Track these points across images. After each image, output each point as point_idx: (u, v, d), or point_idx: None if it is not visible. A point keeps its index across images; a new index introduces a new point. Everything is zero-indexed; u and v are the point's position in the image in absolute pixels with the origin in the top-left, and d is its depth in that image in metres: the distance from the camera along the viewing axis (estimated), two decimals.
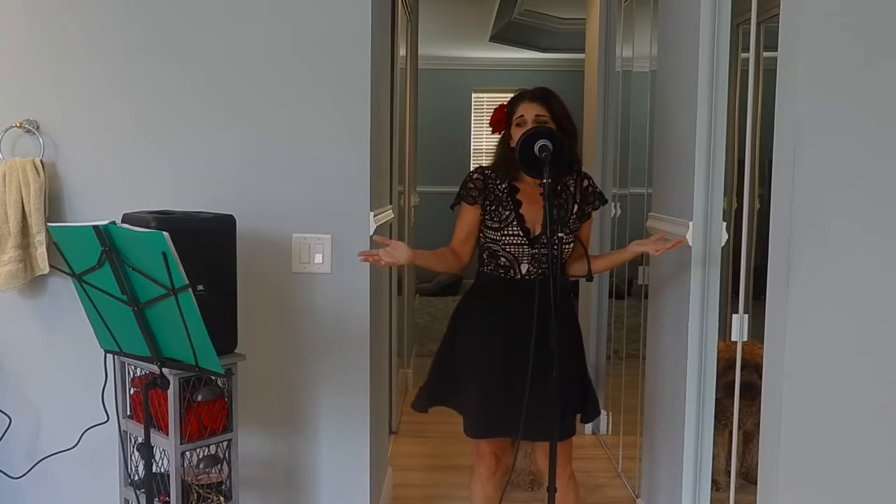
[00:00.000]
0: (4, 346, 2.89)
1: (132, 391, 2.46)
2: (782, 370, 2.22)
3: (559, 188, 2.73)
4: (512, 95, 2.81)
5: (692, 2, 2.83)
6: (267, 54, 2.77)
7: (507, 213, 2.70)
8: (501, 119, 2.77)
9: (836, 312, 2.21)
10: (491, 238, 2.71)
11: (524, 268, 2.69)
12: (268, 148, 2.79)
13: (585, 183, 2.78)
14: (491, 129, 2.83)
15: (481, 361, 2.70)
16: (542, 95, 2.71)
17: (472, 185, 2.74)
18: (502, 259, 2.71)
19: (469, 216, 2.74)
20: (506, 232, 2.69)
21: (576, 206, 2.74)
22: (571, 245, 2.73)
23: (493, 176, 2.74)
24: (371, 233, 2.83)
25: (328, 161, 2.79)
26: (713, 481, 2.93)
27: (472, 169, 2.85)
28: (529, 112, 2.68)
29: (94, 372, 2.48)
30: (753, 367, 2.83)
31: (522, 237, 2.68)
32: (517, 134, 2.64)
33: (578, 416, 2.81)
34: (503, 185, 2.73)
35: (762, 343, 2.40)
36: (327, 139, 2.79)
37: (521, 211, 2.70)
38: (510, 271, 2.70)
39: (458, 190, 2.77)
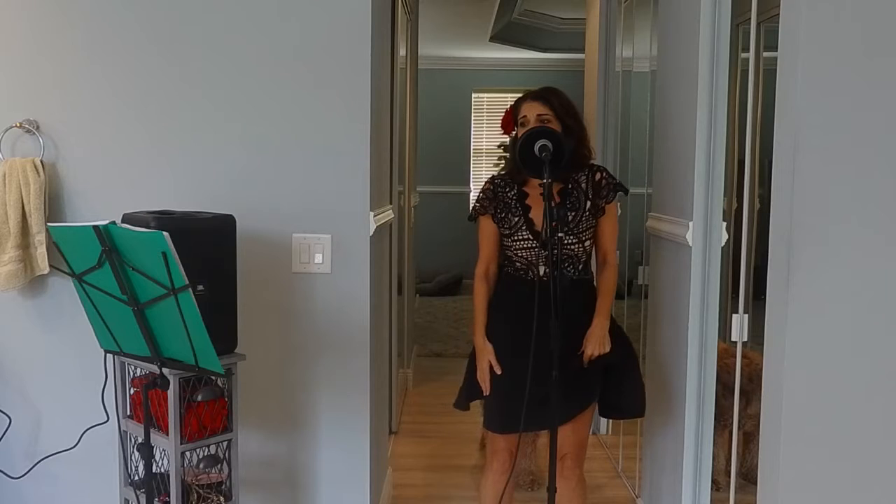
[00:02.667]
0: (4, 346, 2.89)
1: (132, 391, 2.46)
2: (782, 370, 2.22)
3: (570, 186, 2.73)
4: (514, 96, 2.82)
5: (692, 2, 2.83)
6: (267, 54, 2.77)
7: (517, 218, 2.72)
8: (509, 121, 2.78)
9: (836, 312, 2.20)
10: (505, 244, 2.75)
11: (541, 270, 2.69)
12: (268, 148, 2.79)
13: (598, 176, 2.75)
14: (502, 130, 2.84)
15: (501, 359, 2.72)
16: (543, 94, 2.72)
17: (483, 196, 2.79)
18: (517, 263, 2.73)
19: (487, 227, 2.79)
20: (516, 237, 2.70)
21: (588, 203, 2.73)
22: (587, 243, 2.72)
23: (502, 184, 2.78)
24: (371, 233, 2.83)
25: (328, 161, 2.79)
26: (713, 481, 2.93)
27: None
28: (531, 112, 2.68)
29: (94, 372, 2.48)
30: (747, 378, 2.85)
31: (533, 241, 2.69)
32: (520, 133, 2.65)
33: (601, 408, 2.83)
34: (512, 192, 2.75)
35: (761, 351, 2.40)
36: (327, 139, 2.79)
37: (531, 215, 2.71)
38: (528, 273, 2.72)
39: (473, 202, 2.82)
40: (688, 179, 2.86)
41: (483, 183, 2.86)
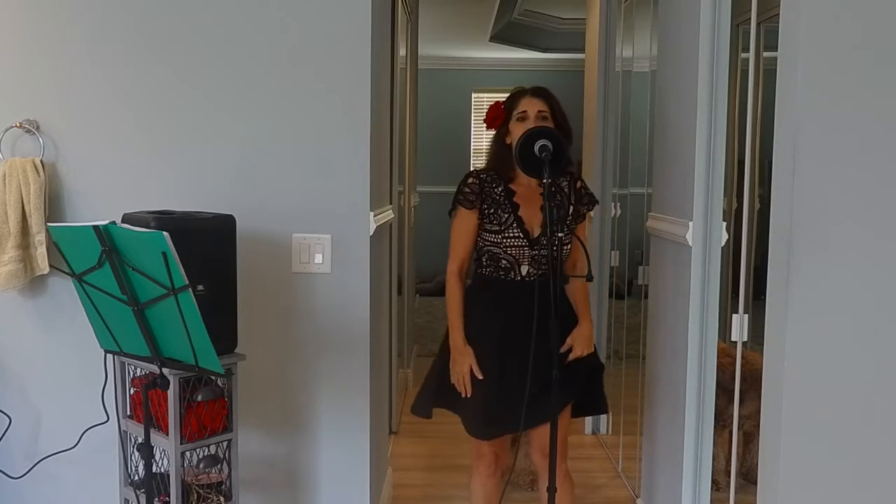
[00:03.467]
0: (4, 346, 2.89)
1: (132, 391, 2.46)
2: (782, 370, 2.22)
3: (553, 189, 2.73)
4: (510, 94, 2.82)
5: (692, 2, 2.83)
6: (267, 54, 2.77)
7: (507, 215, 2.70)
8: (499, 116, 2.77)
9: (836, 312, 2.20)
10: (491, 241, 2.71)
11: (524, 269, 2.69)
12: (268, 148, 2.79)
13: (579, 184, 2.80)
14: (486, 125, 2.83)
15: (482, 362, 2.70)
16: (543, 92, 2.74)
17: (468, 190, 2.74)
18: (503, 261, 2.71)
19: (468, 222, 2.74)
20: (506, 234, 2.69)
21: (571, 208, 2.75)
22: (569, 245, 2.74)
23: (488, 179, 2.75)
24: (371, 233, 2.83)
25: (328, 161, 2.79)
26: (713, 481, 2.93)
27: (468, 172, 2.85)
28: (532, 107, 2.69)
29: (94, 372, 2.48)
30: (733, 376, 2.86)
31: (523, 239, 2.68)
32: (517, 129, 2.65)
33: (571, 408, 2.83)
34: (500, 189, 2.73)
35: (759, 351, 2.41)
36: (327, 139, 2.79)
37: (520, 213, 2.70)
38: (510, 273, 2.71)
39: (454, 195, 2.77)
40: (688, 179, 2.86)
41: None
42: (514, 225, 2.69)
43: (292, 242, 2.81)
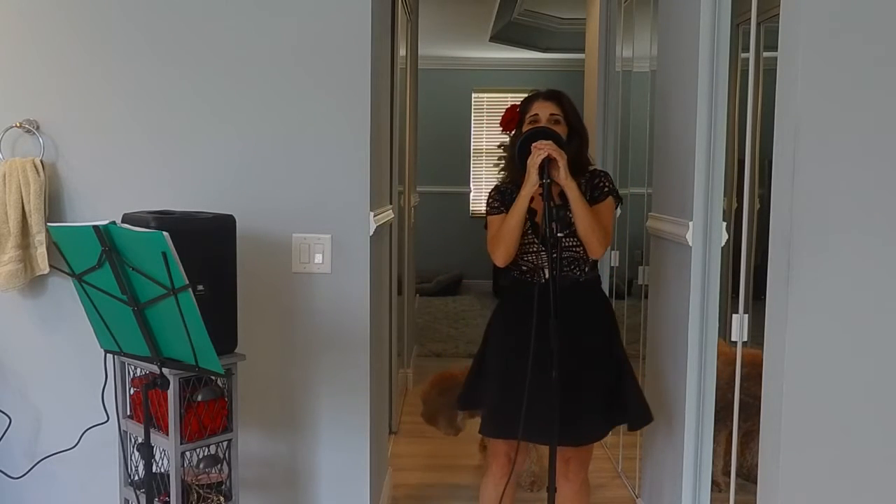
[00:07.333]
0: (4, 346, 2.89)
1: (132, 391, 2.46)
2: (782, 370, 2.22)
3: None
4: (514, 96, 2.81)
5: (692, 2, 2.83)
6: (267, 54, 2.77)
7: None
8: (514, 119, 2.78)
9: (836, 313, 2.21)
10: None
11: (546, 272, 2.68)
12: (268, 148, 2.79)
13: (597, 180, 2.74)
14: (502, 128, 2.83)
15: (506, 363, 2.72)
16: (555, 95, 2.74)
17: (492, 200, 2.77)
18: (524, 266, 2.72)
19: (500, 223, 2.72)
20: (522, 241, 2.69)
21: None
22: (576, 248, 2.72)
23: (507, 190, 2.76)
24: (371, 233, 2.83)
25: (328, 161, 2.79)
26: (713, 482, 2.93)
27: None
28: (544, 111, 2.69)
29: (94, 372, 2.48)
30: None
31: (539, 245, 2.68)
32: None
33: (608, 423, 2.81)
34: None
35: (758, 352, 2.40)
36: (327, 139, 2.79)
37: (536, 220, 2.70)
38: (534, 276, 2.71)
39: (485, 205, 2.80)
40: (688, 179, 2.86)
41: (484, 191, 2.85)
42: (529, 231, 2.69)
43: (292, 242, 2.81)
